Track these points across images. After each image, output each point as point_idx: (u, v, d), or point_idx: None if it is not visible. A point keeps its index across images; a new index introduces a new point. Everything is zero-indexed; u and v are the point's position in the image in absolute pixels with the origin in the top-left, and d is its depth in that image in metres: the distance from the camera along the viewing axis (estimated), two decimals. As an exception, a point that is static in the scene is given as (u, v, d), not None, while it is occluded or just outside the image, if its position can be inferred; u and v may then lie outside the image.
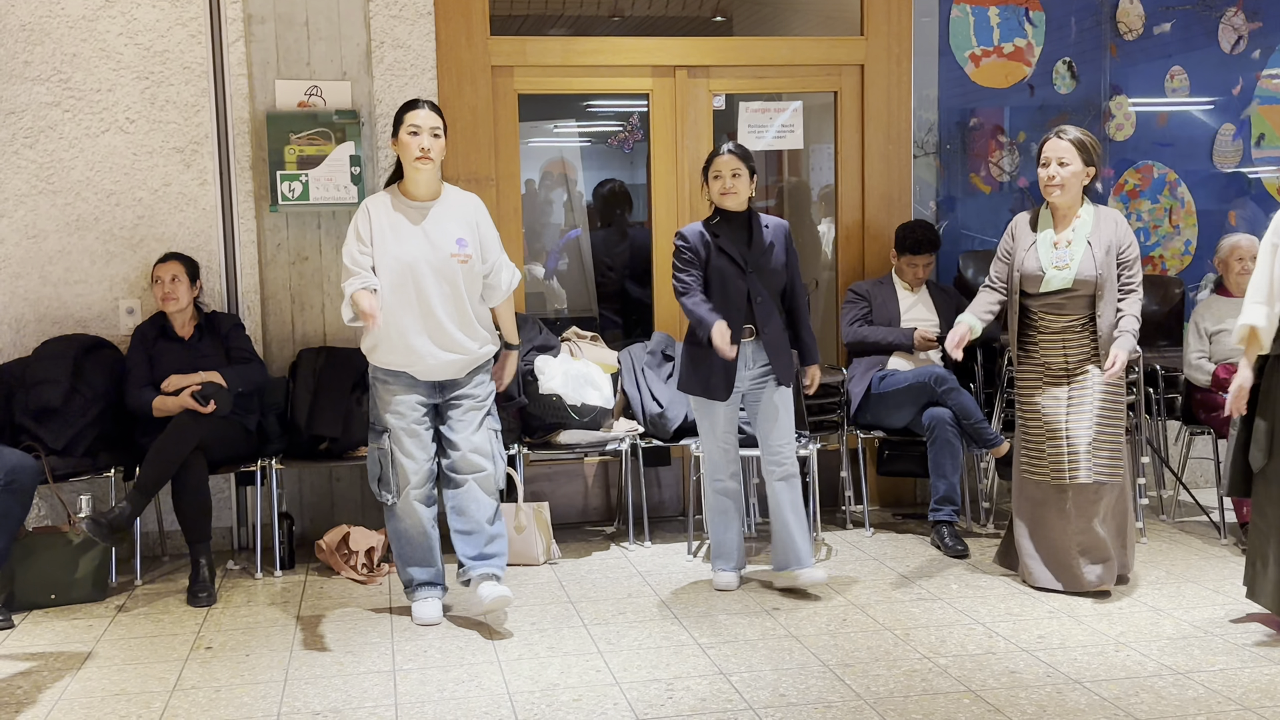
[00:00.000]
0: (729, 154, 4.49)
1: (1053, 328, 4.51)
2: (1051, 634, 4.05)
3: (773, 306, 4.52)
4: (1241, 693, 3.49)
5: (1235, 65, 6.32)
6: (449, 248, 4.22)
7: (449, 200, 4.34)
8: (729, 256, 4.45)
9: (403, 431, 4.26)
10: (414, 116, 4.23)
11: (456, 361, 4.25)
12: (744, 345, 4.48)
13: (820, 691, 3.57)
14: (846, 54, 5.88)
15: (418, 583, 4.38)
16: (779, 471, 4.55)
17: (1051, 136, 4.52)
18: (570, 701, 3.54)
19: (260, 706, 3.56)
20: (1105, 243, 4.43)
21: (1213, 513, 5.45)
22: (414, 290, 4.19)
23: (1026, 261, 4.51)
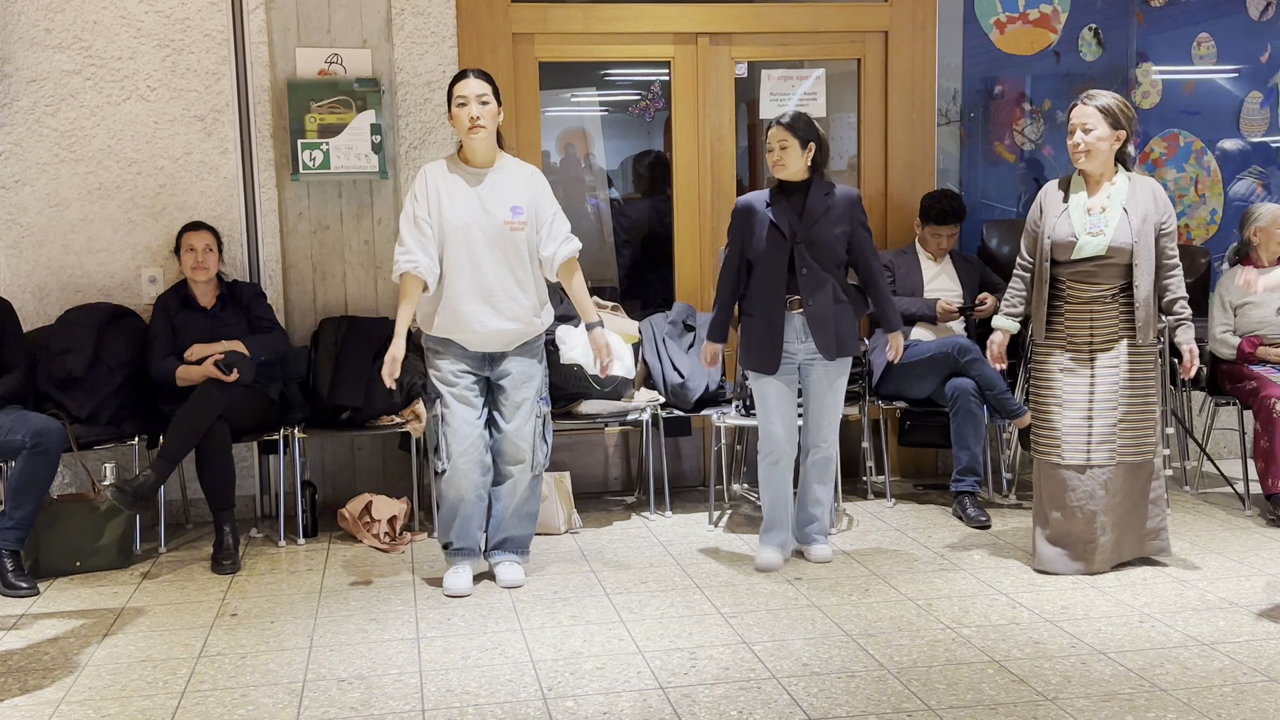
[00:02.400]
0: (777, 125, 4.42)
1: (1081, 298, 4.36)
2: (1075, 605, 4.04)
3: (824, 279, 4.41)
4: (1268, 664, 3.47)
5: (1263, 32, 6.23)
6: (503, 214, 4.21)
7: (507, 168, 4.31)
8: (777, 227, 4.41)
9: (454, 398, 4.27)
10: (461, 88, 4.21)
11: (507, 331, 4.24)
12: (794, 316, 4.45)
13: (843, 661, 3.58)
14: (871, 20, 5.82)
15: (454, 548, 4.40)
16: (815, 454, 4.57)
17: (1078, 103, 4.42)
18: (594, 670, 3.55)
19: (286, 673, 3.58)
20: (1143, 211, 4.31)
21: (1237, 484, 5.42)
22: (466, 255, 4.19)
23: (1058, 228, 4.36)
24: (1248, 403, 5.15)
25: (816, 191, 4.44)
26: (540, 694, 3.38)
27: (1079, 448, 4.33)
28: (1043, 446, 4.44)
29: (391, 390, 5.07)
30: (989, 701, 3.27)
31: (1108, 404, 4.31)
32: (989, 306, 5.43)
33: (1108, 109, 4.32)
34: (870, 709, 3.23)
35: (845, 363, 4.52)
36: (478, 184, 4.25)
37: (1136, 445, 4.34)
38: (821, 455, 4.56)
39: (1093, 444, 4.32)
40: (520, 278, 4.26)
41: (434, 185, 4.25)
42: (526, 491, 4.42)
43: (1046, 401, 4.43)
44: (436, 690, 3.42)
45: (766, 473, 4.59)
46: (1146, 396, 4.35)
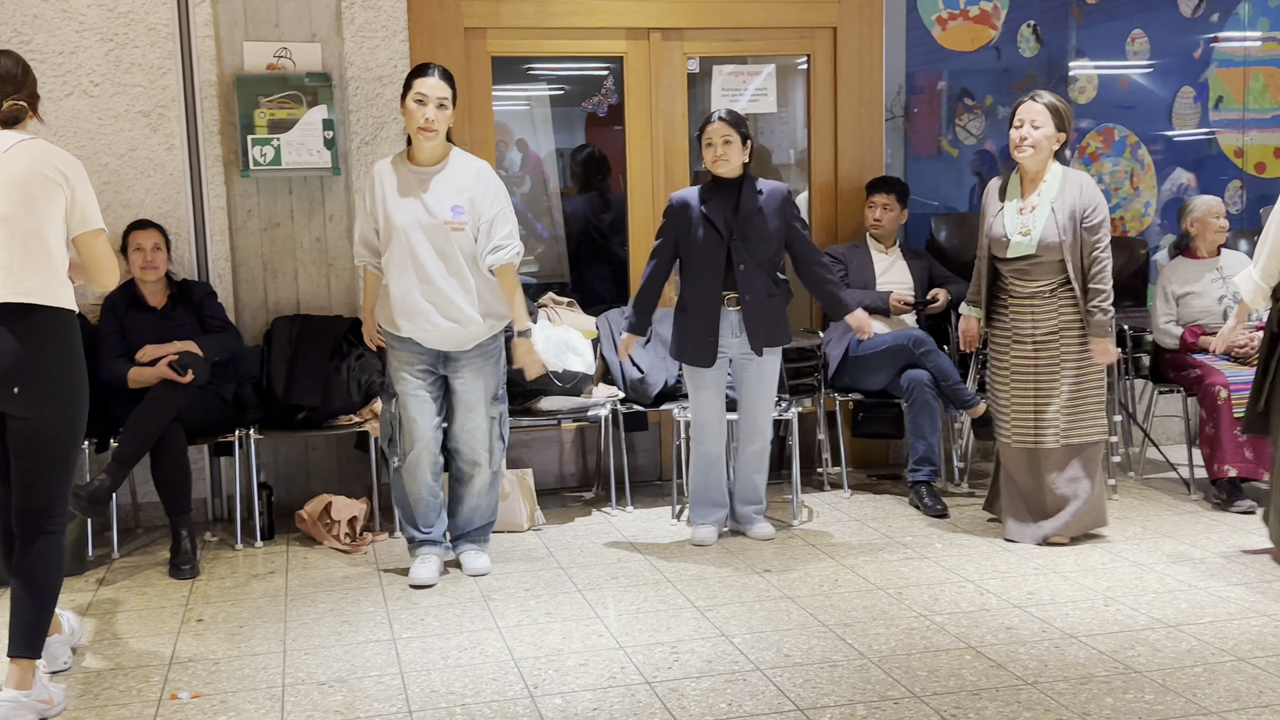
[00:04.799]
0: (720, 121, 4.52)
1: (1022, 293, 4.58)
2: (1040, 590, 4.14)
3: (759, 274, 4.54)
4: (1233, 644, 3.59)
5: (1195, 28, 6.41)
6: (444, 215, 4.19)
7: (454, 166, 4.28)
8: (712, 223, 4.48)
9: (409, 396, 4.29)
10: (422, 84, 4.17)
11: (459, 331, 4.23)
12: (729, 312, 4.55)
13: (824, 651, 3.62)
14: (820, 16, 5.88)
15: (419, 540, 4.44)
16: (751, 447, 4.74)
17: (1026, 99, 4.57)
18: (577, 666, 3.55)
19: (263, 678, 3.52)
20: (1069, 208, 4.47)
21: (1181, 469, 5.58)
22: (409, 255, 4.20)
23: (994, 227, 4.58)
24: (1192, 390, 5.31)
25: (749, 188, 4.56)
26: (527, 692, 3.37)
27: (1027, 432, 4.56)
28: (1000, 431, 4.70)
29: (349, 390, 5.06)
30: (971, 687, 3.33)
31: (1052, 391, 4.52)
32: (941, 303, 5.53)
33: (1055, 108, 4.49)
34: (857, 697, 3.28)
35: (778, 352, 4.70)
36: (422, 183, 4.23)
37: (1082, 427, 4.54)
38: (759, 446, 4.75)
39: (1039, 428, 4.54)
40: (464, 277, 4.23)
41: (380, 183, 4.27)
42: (487, 487, 4.49)
43: (998, 388, 4.67)
44: (420, 691, 3.39)
45: (698, 461, 4.75)
46: (1089, 382, 4.56)
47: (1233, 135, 6.51)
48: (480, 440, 4.37)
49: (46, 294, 3.21)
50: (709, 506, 4.80)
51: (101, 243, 3.34)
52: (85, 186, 3.30)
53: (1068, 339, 4.52)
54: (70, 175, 3.26)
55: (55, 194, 3.23)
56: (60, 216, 3.25)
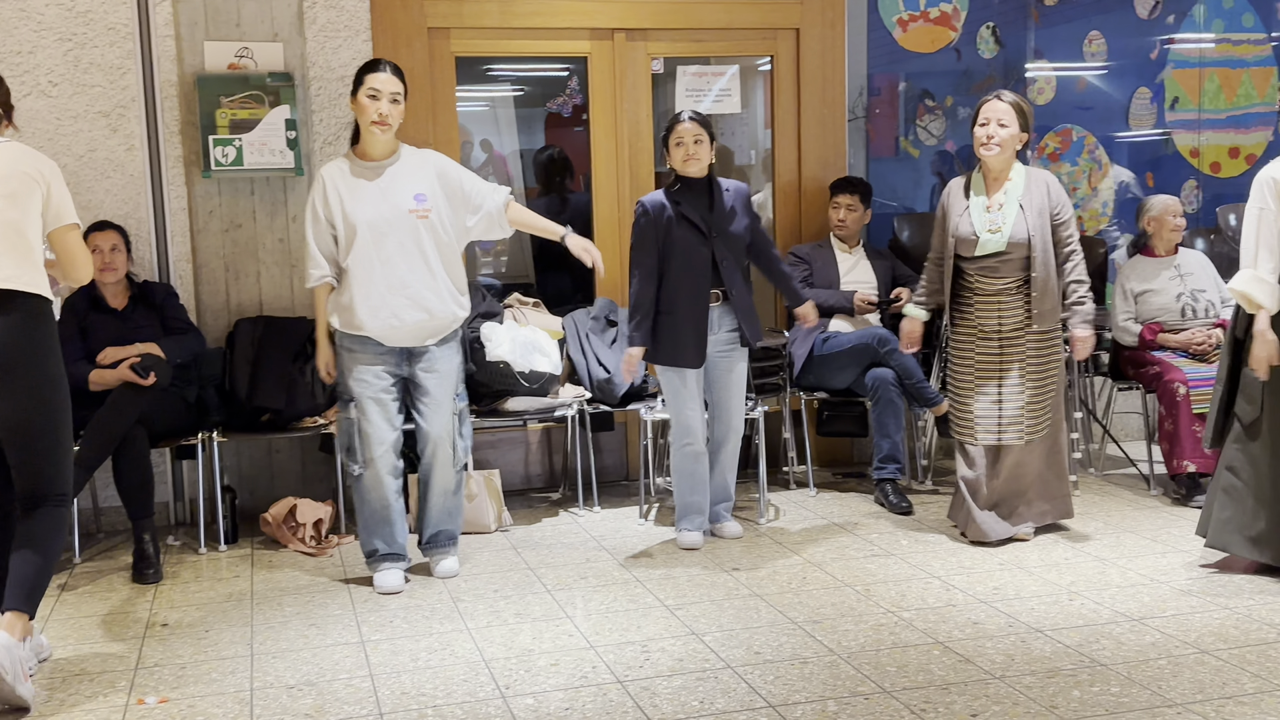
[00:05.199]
0: (691, 121, 4.53)
1: (988, 291, 4.59)
2: (1006, 585, 4.18)
3: (737, 269, 4.58)
4: (1196, 636, 3.64)
5: (1151, 30, 6.50)
6: (407, 204, 4.18)
7: (406, 158, 4.29)
8: (691, 223, 4.49)
9: (369, 400, 4.22)
10: (375, 79, 4.16)
11: (424, 323, 4.20)
12: (712, 309, 4.57)
13: (794, 648, 3.64)
14: (783, 18, 5.91)
15: (380, 554, 4.35)
16: (729, 443, 4.76)
17: (991, 98, 4.60)
18: (548, 666, 3.54)
19: (231, 682, 3.49)
20: (1037, 205, 4.53)
21: (1141, 465, 5.66)
22: (375, 250, 4.16)
23: (960, 226, 4.60)
24: (1151, 387, 5.38)
25: (717, 187, 4.59)
26: (498, 692, 3.36)
27: (991, 430, 4.58)
28: (958, 429, 4.70)
29: (314, 391, 5.03)
30: (940, 682, 3.36)
31: (1016, 389, 4.55)
32: (904, 301, 5.56)
33: (1019, 107, 4.54)
34: (828, 693, 3.30)
35: (743, 349, 4.71)
36: (377, 177, 4.22)
37: (1044, 423, 4.58)
38: (734, 444, 4.77)
39: (1003, 426, 4.56)
40: (432, 266, 4.22)
41: (333, 186, 4.22)
42: (453, 484, 4.42)
43: (961, 387, 4.68)
44: (391, 693, 3.38)
45: (683, 463, 4.71)
46: (1050, 378, 4.60)
47: (1188, 136, 6.61)
48: (445, 436, 4.31)
49: (25, 281, 3.36)
50: (695, 514, 4.76)
51: (75, 237, 3.52)
52: (61, 184, 3.49)
53: (1031, 335, 4.56)
54: (46, 173, 3.46)
55: (33, 191, 3.40)
56: (38, 212, 3.42)
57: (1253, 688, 3.25)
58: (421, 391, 4.29)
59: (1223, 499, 4.22)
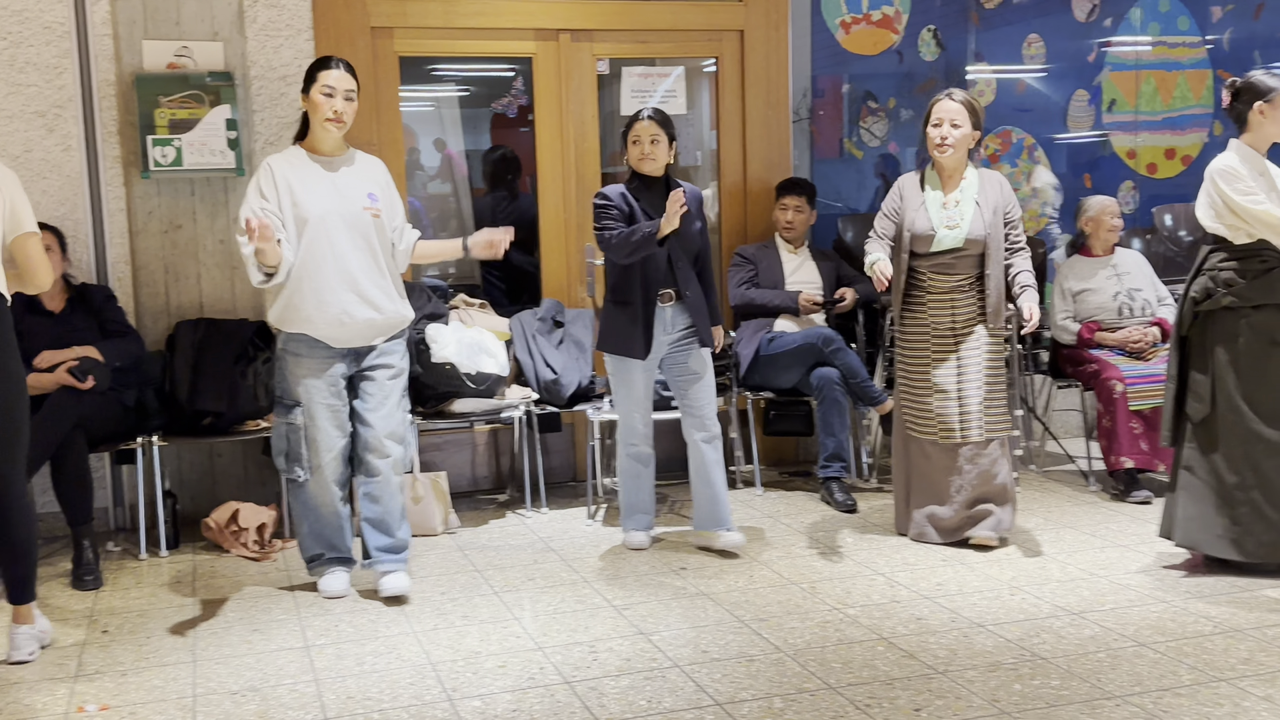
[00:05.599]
0: (649, 120, 4.51)
1: (941, 288, 4.58)
2: (948, 581, 4.23)
3: (691, 270, 4.58)
4: (1135, 629, 3.71)
5: (1088, 33, 6.61)
6: (361, 201, 4.14)
7: (356, 158, 4.27)
8: (651, 219, 4.46)
9: (318, 406, 4.13)
10: (329, 77, 4.12)
11: (375, 322, 4.14)
12: (664, 309, 4.54)
13: (740, 646, 3.66)
14: (727, 19, 5.94)
15: (326, 559, 4.29)
16: (703, 435, 4.61)
17: (943, 98, 4.58)
18: (496, 669, 3.54)
19: (173, 689, 3.45)
20: (992, 204, 4.56)
21: (1080, 461, 5.75)
22: (327, 244, 4.07)
23: (917, 221, 4.56)
24: (1089, 385, 5.47)
25: (673, 187, 4.57)
26: (445, 695, 3.35)
27: (952, 428, 4.55)
28: (918, 428, 4.63)
29: (256, 394, 4.97)
30: (884, 677, 3.39)
31: (974, 384, 4.54)
32: (848, 302, 5.62)
33: (971, 106, 4.55)
34: (774, 690, 3.32)
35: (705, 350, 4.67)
36: (331, 172, 4.18)
37: (998, 420, 4.59)
38: (712, 434, 4.61)
39: (964, 423, 4.54)
40: (381, 265, 4.19)
41: (283, 177, 4.12)
42: (397, 489, 4.29)
43: (917, 386, 4.63)
44: (337, 698, 3.35)
45: (627, 464, 4.69)
46: (1001, 375, 4.62)
47: (1125, 137, 6.72)
48: (393, 434, 4.21)
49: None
50: (640, 514, 4.73)
51: (34, 244, 3.64)
52: (20, 193, 3.64)
53: (982, 332, 4.55)
54: (6, 183, 3.53)
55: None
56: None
57: (1189, 679, 3.32)
58: (368, 391, 4.20)
59: (1185, 498, 4.24)
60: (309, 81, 4.16)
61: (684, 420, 4.67)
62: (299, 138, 4.26)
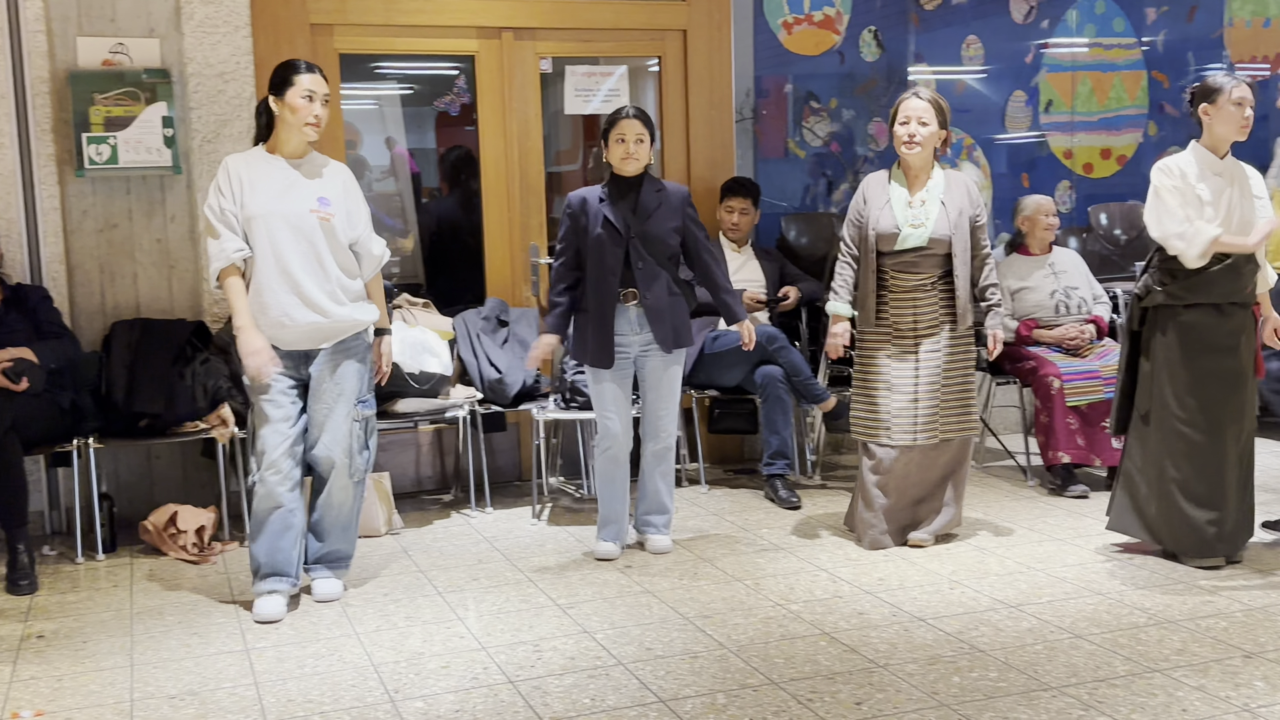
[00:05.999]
0: (634, 118, 4.43)
1: (904, 287, 4.55)
2: (890, 576, 4.27)
3: (659, 273, 4.43)
4: (1071, 622, 3.77)
5: (1026, 34, 6.70)
6: (308, 203, 4.06)
7: (316, 162, 4.18)
8: (611, 221, 4.43)
9: (266, 401, 4.06)
10: (308, 80, 4.03)
11: (318, 326, 4.06)
12: (628, 308, 4.47)
13: (685, 643, 3.67)
14: (670, 19, 5.95)
15: (264, 572, 4.08)
16: (653, 445, 4.60)
17: (909, 96, 4.55)
18: (439, 669, 3.52)
19: (110, 694, 3.40)
20: (958, 204, 4.52)
21: (1019, 457, 5.83)
22: (269, 244, 4.02)
23: (881, 220, 4.53)
24: (1027, 381, 5.55)
25: (649, 187, 4.48)
26: (387, 697, 3.33)
27: (907, 429, 4.54)
28: (871, 429, 4.60)
29: (195, 395, 4.91)
30: (826, 672, 3.42)
31: (931, 387, 4.53)
32: (791, 301, 5.66)
33: (938, 105, 4.54)
34: (717, 687, 3.34)
35: (680, 354, 4.58)
36: (285, 174, 4.11)
37: (958, 422, 4.58)
38: (661, 446, 4.60)
39: (919, 425, 4.53)
40: (328, 269, 4.10)
41: (236, 175, 4.08)
42: (348, 499, 4.21)
43: (874, 386, 4.60)
44: (276, 701, 3.32)
45: (603, 467, 4.59)
46: (965, 378, 4.61)
47: (1062, 137, 6.82)
48: (339, 442, 4.13)
49: None
50: (612, 523, 4.62)
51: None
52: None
53: (945, 333, 4.55)
54: None
55: None
56: None
57: (1124, 670, 3.38)
58: (315, 398, 4.13)
59: (1122, 485, 4.42)
60: (284, 84, 4.05)
61: (642, 424, 4.65)
62: (261, 139, 4.19)
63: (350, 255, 4.18)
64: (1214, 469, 4.22)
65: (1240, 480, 4.28)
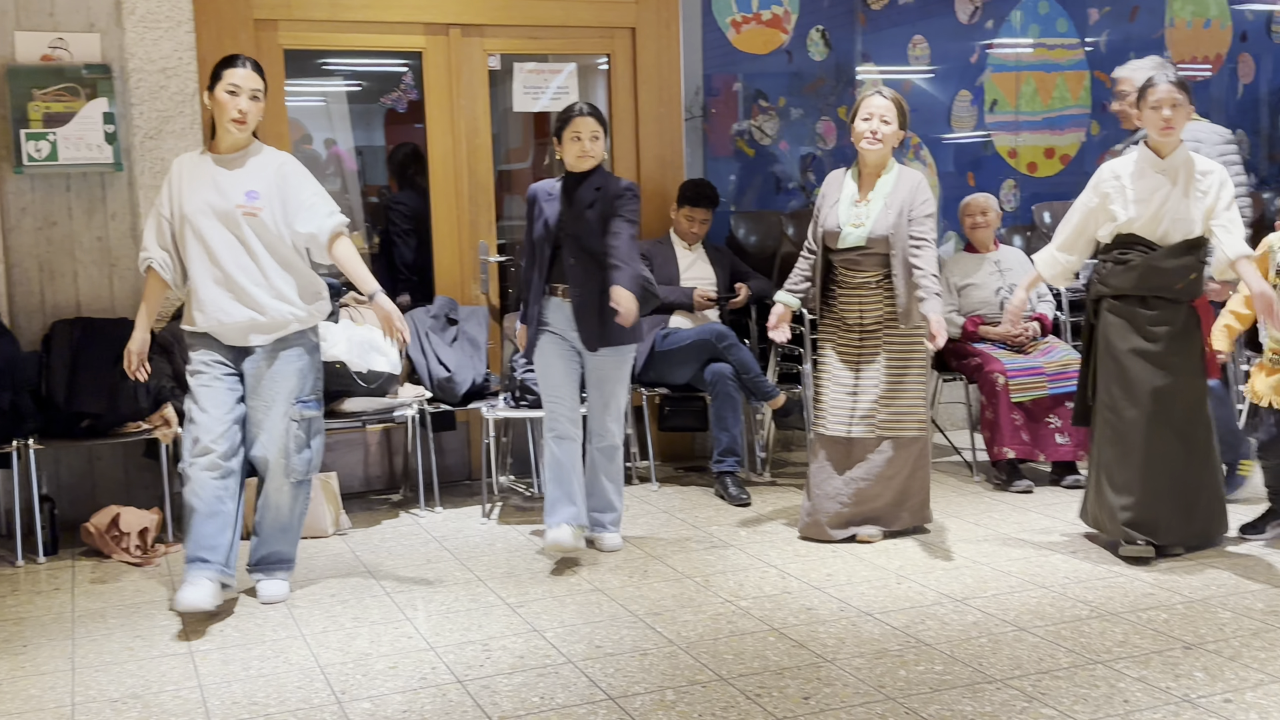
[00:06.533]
0: (589, 115, 4.41)
1: (851, 283, 4.63)
2: (838, 571, 4.30)
3: (592, 269, 4.39)
4: (1015, 615, 3.81)
5: (971, 34, 6.76)
6: (237, 198, 4.03)
7: (253, 155, 4.12)
8: (547, 218, 4.44)
9: (200, 388, 4.02)
10: (235, 75, 4.00)
11: (252, 322, 4.02)
12: (564, 304, 4.46)
13: (634, 640, 3.67)
14: (618, 17, 5.95)
15: (189, 557, 3.98)
16: (597, 443, 4.60)
17: (873, 94, 4.60)
18: (386, 670, 3.50)
19: (51, 698, 3.35)
20: (900, 204, 4.55)
21: (965, 452, 5.88)
22: (200, 241, 4.02)
23: (829, 218, 4.62)
24: (973, 378, 5.60)
25: (588, 184, 4.44)
26: (334, 698, 3.30)
27: (841, 421, 4.60)
28: (817, 418, 4.71)
29: (138, 395, 4.84)
30: (774, 667, 3.44)
31: (870, 382, 4.58)
32: (742, 297, 5.68)
33: (900, 104, 4.59)
34: (666, 683, 3.34)
35: (622, 352, 4.53)
36: (218, 169, 4.09)
37: (898, 421, 4.59)
38: (606, 444, 4.59)
39: (854, 419, 4.58)
40: (263, 265, 4.06)
41: (178, 176, 4.09)
42: (286, 500, 4.15)
43: (820, 378, 4.72)
44: (221, 703, 3.29)
45: (549, 449, 4.54)
46: (908, 377, 4.60)
47: (1007, 137, 6.90)
48: (275, 441, 4.07)
49: None
50: (563, 504, 4.49)
51: None
52: None
53: (890, 331, 4.58)
54: None
55: None
56: None
57: (1067, 662, 3.42)
58: (253, 395, 4.09)
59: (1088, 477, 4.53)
60: (214, 80, 4.03)
61: (587, 421, 4.63)
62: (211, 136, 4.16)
63: (293, 250, 4.10)
64: (1134, 455, 4.27)
65: (1174, 473, 4.29)
